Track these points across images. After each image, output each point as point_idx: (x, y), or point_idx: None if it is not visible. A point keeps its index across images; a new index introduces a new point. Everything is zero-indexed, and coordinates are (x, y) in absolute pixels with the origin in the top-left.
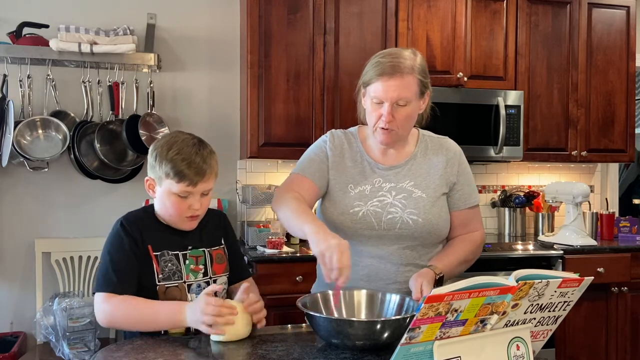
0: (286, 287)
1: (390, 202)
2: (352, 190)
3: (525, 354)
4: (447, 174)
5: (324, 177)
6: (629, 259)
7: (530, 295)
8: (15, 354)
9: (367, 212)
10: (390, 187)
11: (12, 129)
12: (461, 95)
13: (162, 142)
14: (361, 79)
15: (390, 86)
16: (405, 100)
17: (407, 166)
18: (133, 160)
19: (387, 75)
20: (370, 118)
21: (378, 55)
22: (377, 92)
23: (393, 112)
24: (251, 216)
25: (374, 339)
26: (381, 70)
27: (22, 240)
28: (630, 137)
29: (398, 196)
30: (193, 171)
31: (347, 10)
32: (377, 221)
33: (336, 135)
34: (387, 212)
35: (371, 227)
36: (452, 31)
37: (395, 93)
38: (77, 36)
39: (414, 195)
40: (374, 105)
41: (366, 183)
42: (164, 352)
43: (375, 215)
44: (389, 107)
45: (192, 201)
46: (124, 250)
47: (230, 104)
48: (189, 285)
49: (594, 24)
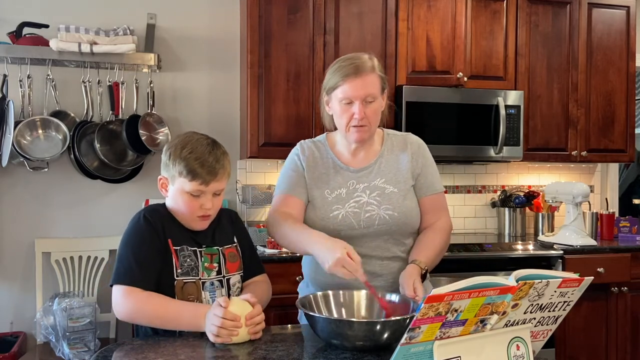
0: (286, 287)
1: (366, 201)
2: (330, 195)
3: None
4: (413, 167)
5: (306, 190)
6: (629, 259)
7: (530, 295)
8: (15, 354)
9: (346, 214)
10: (364, 186)
11: (12, 129)
12: (461, 95)
13: (176, 141)
14: (324, 87)
15: (357, 84)
16: (373, 96)
17: (377, 165)
18: (133, 160)
19: (353, 75)
20: (341, 120)
21: (337, 62)
22: (346, 93)
23: (364, 109)
24: (251, 216)
25: (373, 339)
26: (346, 72)
27: (22, 240)
28: (630, 137)
29: (372, 194)
30: (206, 170)
31: (347, 10)
32: (357, 221)
33: (305, 145)
34: (365, 210)
35: (352, 227)
36: (452, 31)
37: (364, 90)
38: (77, 36)
39: (386, 191)
40: (343, 107)
41: (341, 186)
42: (164, 352)
43: (354, 216)
44: (360, 104)
45: (204, 200)
46: (147, 243)
47: (230, 104)
48: (203, 282)
49: (594, 24)
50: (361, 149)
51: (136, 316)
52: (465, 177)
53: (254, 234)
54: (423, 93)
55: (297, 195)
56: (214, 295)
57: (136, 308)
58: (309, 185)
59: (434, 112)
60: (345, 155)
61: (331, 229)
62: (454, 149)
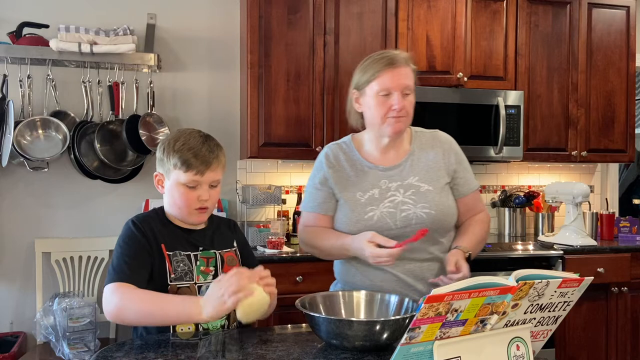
0: (286, 287)
1: (401, 199)
2: (362, 197)
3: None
4: (447, 164)
5: (330, 201)
6: (629, 259)
7: (530, 295)
8: (15, 354)
9: (382, 214)
10: (397, 185)
11: (12, 129)
12: (461, 95)
13: (169, 137)
14: (357, 82)
15: (396, 75)
16: (410, 88)
17: (408, 163)
18: (133, 160)
19: (391, 66)
20: (378, 113)
21: (368, 58)
22: (384, 84)
23: (403, 100)
24: (251, 216)
25: (373, 339)
26: (384, 64)
27: (22, 240)
28: (630, 137)
29: (407, 193)
30: (200, 160)
31: (347, 10)
32: (393, 221)
33: (330, 151)
34: (401, 210)
35: (388, 228)
36: (452, 31)
37: (403, 81)
38: (77, 36)
39: (421, 189)
40: (380, 99)
41: (373, 187)
42: (164, 352)
43: (389, 216)
44: (399, 94)
45: (200, 192)
46: (136, 245)
47: (230, 104)
48: (199, 287)
49: (594, 24)
50: (391, 147)
51: (122, 312)
52: None
53: (254, 233)
54: (423, 93)
55: (325, 213)
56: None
57: (122, 303)
58: (338, 190)
59: (434, 112)
60: (374, 155)
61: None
62: None
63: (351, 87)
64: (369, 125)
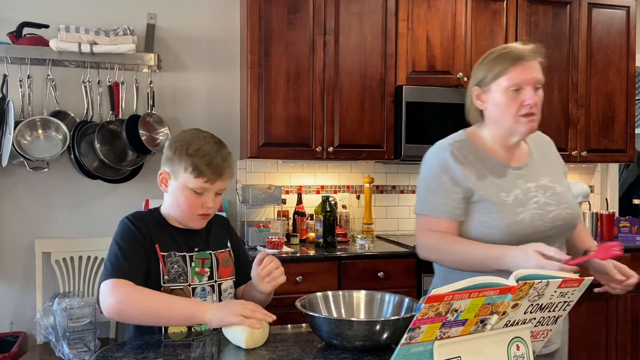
0: (286, 287)
1: (545, 201)
2: (508, 198)
3: (525, 354)
4: (561, 165)
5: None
6: (629, 259)
7: (530, 295)
8: (15, 354)
9: (532, 217)
10: (536, 185)
11: (12, 129)
12: (461, 95)
13: (182, 137)
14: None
15: (529, 68)
16: (540, 82)
17: (533, 163)
18: (133, 160)
19: (523, 59)
20: (508, 110)
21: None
22: (515, 79)
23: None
24: (251, 216)
25: (373, 339)
26: (515, 57)
27: (22, 240)
28: (630, 137)
29: (547, 194)
30: (212, 169)
31: (347, 10)
32: (543, 223)
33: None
34: (547, 211)
35: (539, 231)
36: (452, 31)
37: (536, 74)
38: (77, 36)
39: (557, 190)
40: (511, 94)
41: (514, 187)
42: (164, 352)
43: (539, 218)
44: (532, 89)
45: (206, 199)
46: (133, 241)
47: (230, 104)
48: (193, 288)
49: (594, 24)
50: (517, 146)
51: (124, 308)
52: None
53: (254, 234)
54: (423, 93)
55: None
56: (204, 300)
57: (123, 300)
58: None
59: (434, 112)
60: (501, 153)
61: (520, 234)
62: None
63: (471, 84)
64: (494, 123)
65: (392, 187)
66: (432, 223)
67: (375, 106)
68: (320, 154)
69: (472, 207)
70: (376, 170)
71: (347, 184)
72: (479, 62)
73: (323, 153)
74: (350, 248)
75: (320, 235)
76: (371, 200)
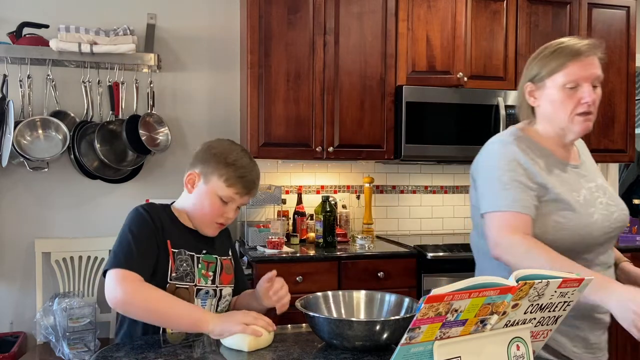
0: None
1: (606, 202)
2: (578, 198)
3: (525, 354)
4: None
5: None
6: (629, 259)
7: (530, 295)
8: (15, 354)
9: (601, 217)
10: (595, 185)
11: (12, 129)
12: (461, 95)
13: (218, 144)
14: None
15: (587, 64)
16: (600, 80)
17: (584, 163)
18: (133, 160)
19: (583, 55)
20: (564, 108)
21: (549, 47)
22: (572, 75)
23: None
24: (251, 216)
25: (373, 339)
26: (573, 53)
27: (22, 240)
28: (630, 137)
29: (606, 195)
30: (245, 183)
31: (347, 10)
32: (609, 224)
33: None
34: (610, 212)
35: (607, 232)
36: (452, 31)
37: (595, 70)
38: (77, 36)
39: (610, 190)
40: (567, 92)
41: (580, 187)
42: (164, 352)
43: (606, 219)
44: (590, 86)
45: (229, 209)
46: (147, 231)
47: (230, 104)
48: (198, 289)
49: (594, 24)
50: (571, 145)
51: (129, 304)
52: (465, 177)
53: (254, 234)
54: (423, 93)
55: (534, 216)
56: (205, 303)
57: (130, 296)
58: (553, 185)
59: (434, 112)
60: (559, 151)
61: (594, 236)
62: (454, 149)
63: (523, 79)
64: (547, 121)
65: (392, 187)
66: (509, 219)
67: (375, 106)
68: (320, 154)
69: (545, 207)
70: (376, 170)
71: (347, 184)
72: (533, 57)
73: (323, 153)
74: (350, 248)
75: (320, 235)
76: (371, 200)
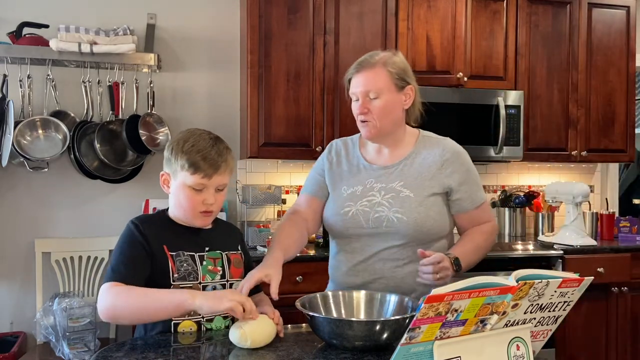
0: (286, 287)
1: (378, 201)
2: (345, 192)
3: (525, 354)
4: (442, 176)
5: (323, 188)
6: (629, 259)
7: (530, 295)
8: (15, 354)
9: (357, 212)
10: (381, 187)
11: (12, 129)
12: (461, 95)
13: (179, 136)
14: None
15: (358, 80)
16: (376, 92)
17: (400, 167)
18: (133, 160)
19: (355, 71)
20: (355, 116)
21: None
22: (351, 89)
23: (367, 104)
24: (251, 216)
25: (373, 339)
26: (352, 69)
27: (22, 240)
28: (630, 137)
29: (386, 196)
30: (208, 163)
31: (347, 10)
32: (365, 220)
33: (334, 145)
34: (375, 211)
35: (360, 226)
36: (452, 31)
37: (363, 87)
38: (77, 36)
39: (401, 194)
40: (354, 103)
41: (358, 184)
42: (164, 352)
43: (363, 215)
44: (362, 99)
45: (206, 195)
46: (134, 245)
47: (230, 104)
48: (204, 286)
49: (594, 24)
50: (384, 148)
51: (113, 309)
52: None
53: (254, 234)
54: (423, 93)
55: (310, 193)
56: None
57: (115, 300)
58: (329, 182)
59: (434, 112)
60: (372, 154)
61: (340, 224)
62: None
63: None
64: None
65: None
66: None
67: None
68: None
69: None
70: None
71: None
72: None
73: None
74: None
75: (320, 235)
76: None
